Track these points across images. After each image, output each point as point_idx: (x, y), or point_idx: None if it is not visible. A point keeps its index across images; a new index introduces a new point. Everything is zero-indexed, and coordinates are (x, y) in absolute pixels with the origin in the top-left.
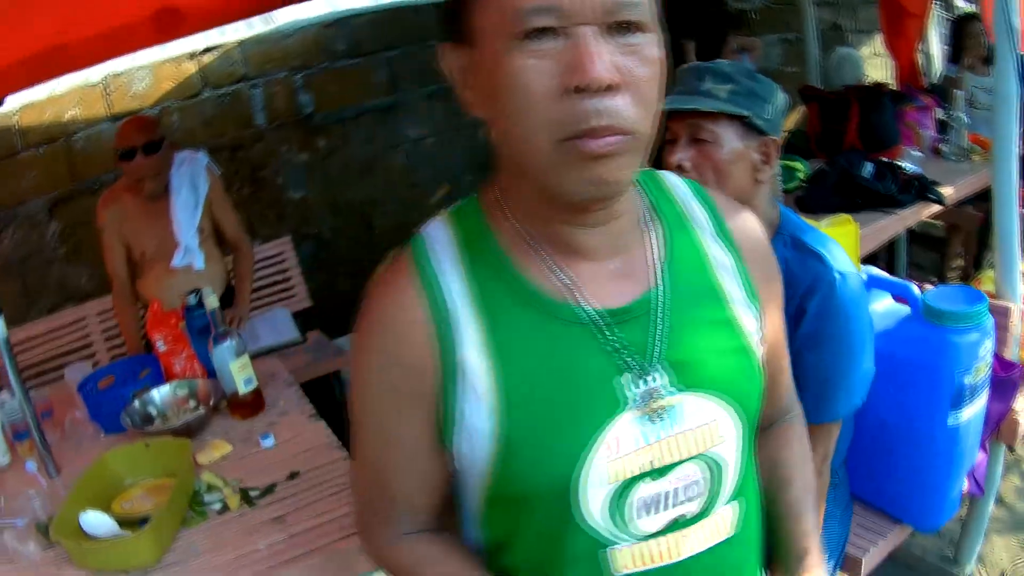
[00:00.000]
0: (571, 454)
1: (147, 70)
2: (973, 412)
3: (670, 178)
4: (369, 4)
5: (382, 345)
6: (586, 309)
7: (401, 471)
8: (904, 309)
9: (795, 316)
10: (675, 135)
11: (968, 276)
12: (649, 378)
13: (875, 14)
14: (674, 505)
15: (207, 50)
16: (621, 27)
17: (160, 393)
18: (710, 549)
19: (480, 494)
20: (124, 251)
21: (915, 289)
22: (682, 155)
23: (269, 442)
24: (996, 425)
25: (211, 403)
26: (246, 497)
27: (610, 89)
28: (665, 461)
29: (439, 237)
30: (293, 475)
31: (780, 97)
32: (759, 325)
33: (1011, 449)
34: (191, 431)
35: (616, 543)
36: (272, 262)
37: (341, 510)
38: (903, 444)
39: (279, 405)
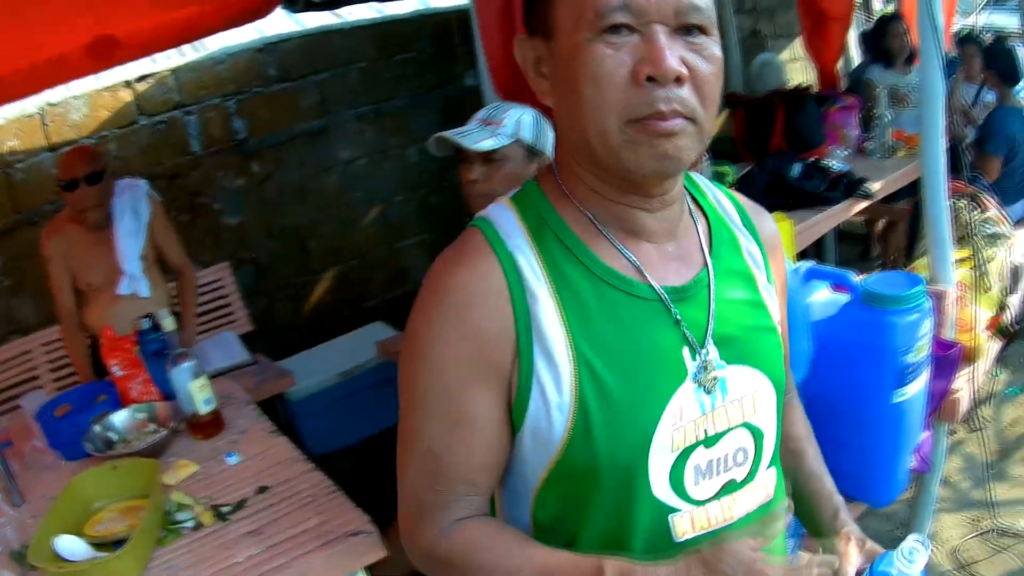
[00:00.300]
0: (647, 423)
1: (83, 99)
2: (916, 389)
3: (701, 178)
4: (296, 29)
5: (460, 315)
6: (653, 286)
7: (466, 449)
8: (844, 297)
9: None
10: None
11: (895, 266)
12: (704, 351)
13: (793, 19)
14: (724, 471)
15: (141, 78)
16: (688, 29)
17: (119, 418)
18: (756, 510)
19: (543, 471)
20: (70, 281)
21: (853, 277)
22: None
23: (234, 459)
24: (938, 403)
25: (171, 425)
26: (218, 513)
27: (677, 80)
28: (717, 429)
29: (506, 218)
30: (262, 489)
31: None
32: (776, 308)
33: (951, 431)
34: (155, 453)
35: (677, 510)
36: (212, 287)
37: (316, 519)
38: (852, 423)
39: (238, 424)
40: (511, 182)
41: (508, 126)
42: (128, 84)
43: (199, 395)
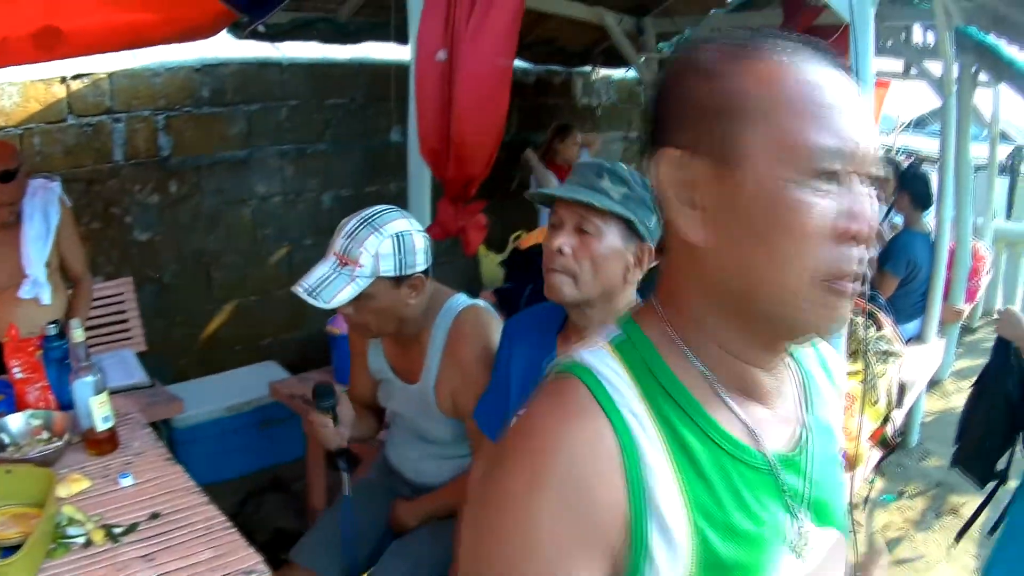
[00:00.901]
0: None
1: (17, 88)
2: None
3: None
4: (236, 55)
5: (567, 482)
6: (767, 455)
7: None
8: None
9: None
10: (561, 221)
11: None
12: (800, 519)
13: None
14: None
15: (77, 76)
16: (872, 180)
17: (14, 421)
18: None
19: None
20: None
21: None
22: (564, 240)
23: (128, 481)
24: None
25: (67, 436)
26: (110, 533)
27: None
28: None
29: (612, 369)
30: (155, 515)
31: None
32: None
33: None
34: (48, 462)
35: None
36: (112, 301)
37: (209, 552)
38: None
39: (133, 445)
40: (382, 313)
41: (367, 266)
42: (63, 80)
43: (98, 411)
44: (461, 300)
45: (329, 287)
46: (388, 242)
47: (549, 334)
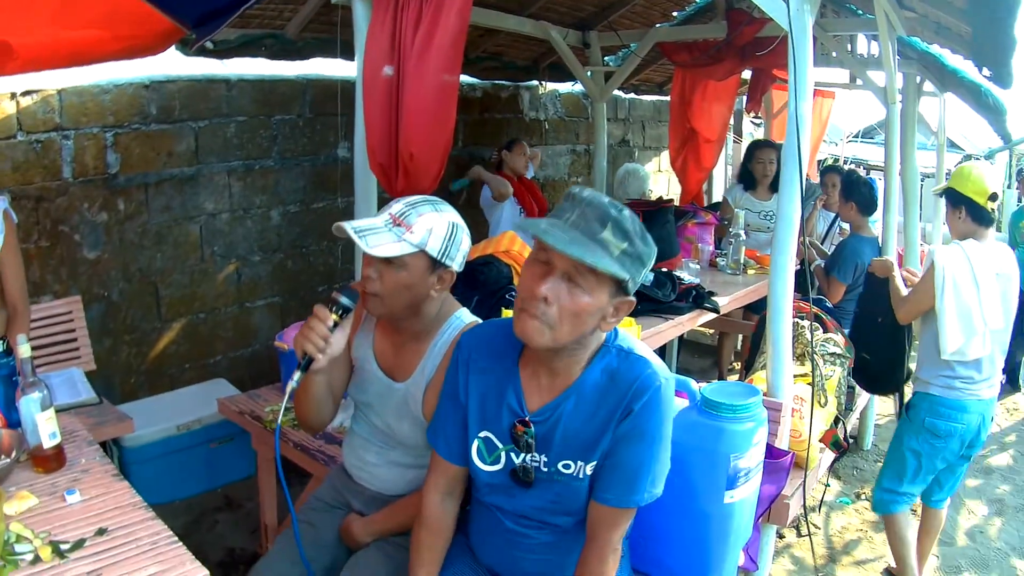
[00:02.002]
0: None
1: None
2: (747, 492)
3: None
4: (184, 72)
5: None
6: None
7: None
8: (683, 402)
9: (621, 414)
10: (551, 265)
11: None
12: None
13: (662, 132)
14: None
15: (27, 93)
16: None
17: None
18: None
19: None
20: None
21: (692, 384)
22: (550, 287)
23: (75, 497)
24: (768, 507)
25: (14, 455)
26: (57, 550)
27: None
28: None
29: None
30: (102, 531)
31: (653, 261)
32: None
33: (780, 535)
34: None
35: None
36: (59, 320)
37: (155, 567)
38: (684, 519)
39: (80, 462)
40: (404, 289)
41: (418, 234)
42: (13, 96)
43: (45, 427)
44: (467, 315)
45: (375, 236)
46: (444, 224)
47: (508, 359)
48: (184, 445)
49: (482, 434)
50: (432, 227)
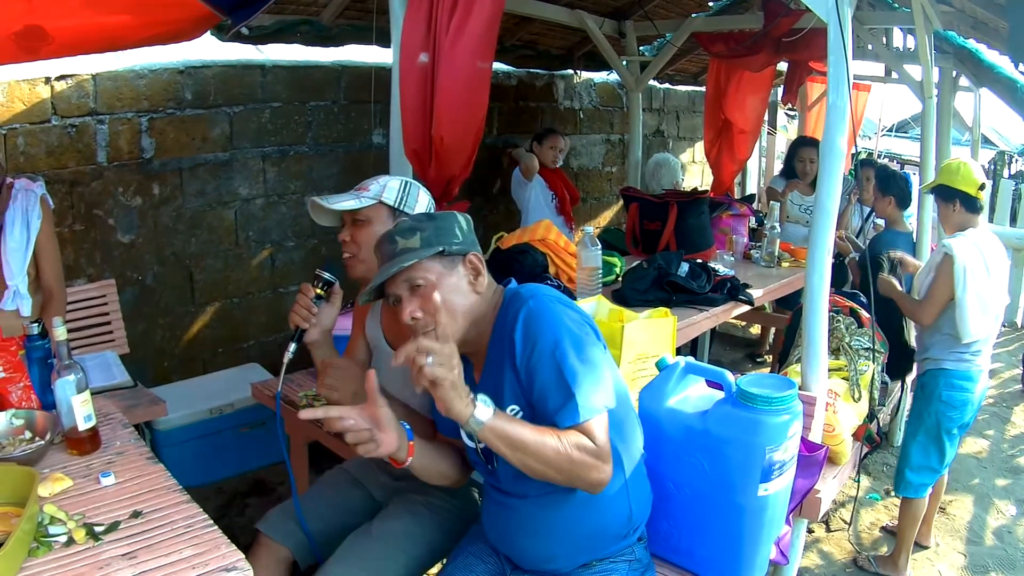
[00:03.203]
0: None
1: (1, 88)
2: (781, 485)
3: None
4: (219, 57)
5: None
6: None
7: None
8: (718, 394)
9: (511, 350)
10: (397, 296)
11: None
12: None
13: (697, 123)
14: None
15: (61, 77)
16: None
17: None
18: None
19: None
20: None
21: (728, 375)
22: (411, 307)
23: (109, 480)
24: (800, 501)
25: (49, 436)
26: (91, 532)
27: None
28: None
29: None
30: (136, 514)
31: (462, 220)
32: None
33: (810, 531)
34: (29, 462)
35: None
36: (93, 303)
37: (190, 550)
38: (718, 511)
39: (115, 444)
40: (373, 241)
41: (373, 190)
42: (47, 81)
43: (80, 410)
44: None
45: (337, 199)
46: (396, 181)
47: None
48: (216, 429)
49: None
50: (385, 184)
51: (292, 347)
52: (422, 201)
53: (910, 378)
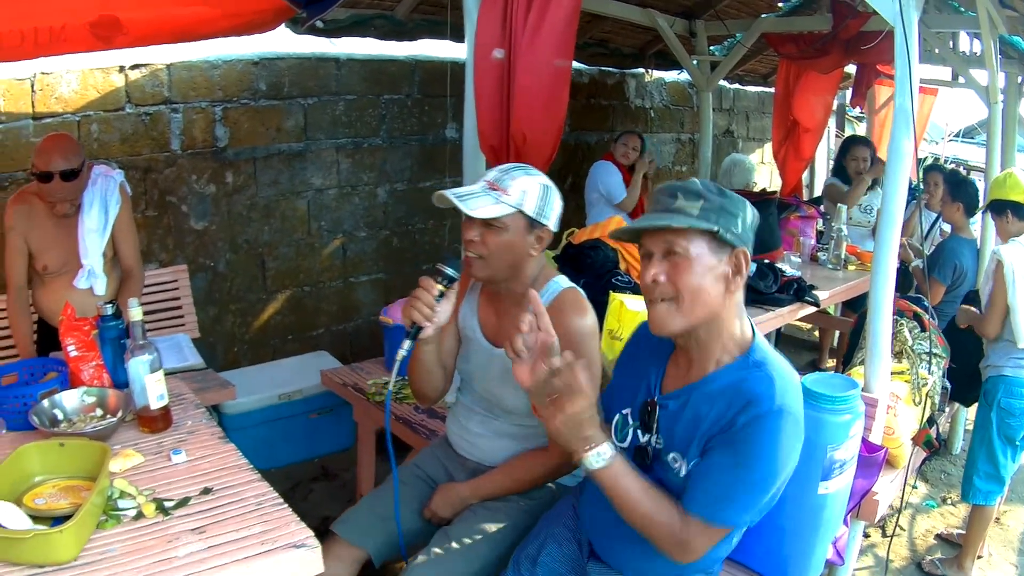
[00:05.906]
0: None
1: (76, 75)
2: (840, 484)
3: None
4: (293, 50)
5: None
6: None
7: None
8: None
9: (725, 424)
10: (649, 252)
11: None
12: None
13: (767, 124)
14: None
15: (136, 66)
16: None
17: (69, 398)
18: None
19: None
20: (27, 256)
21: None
22: (657, 270)
23: (181, 457)
24: (859, 501)
25: (120, 414)
26: (160, 507)
27: None
28: None
29: None
30: (207, 491)
31: (749, 211)
32: None
33: (866, 535)
34: (102, 438)
35: None
36: (166, 288)
37: (260, 527)
38: (777, 508)
39: (186, 423)
40: (506, 249)
41: (513, 196)
42: (122, 69)
43: (154, 388)
44: (565, 281)
45: (475, 200)
46: (537, 186)
47: (660, 355)
48: (284, 414)
49: (624, 411)
50: (526, 189)
51: (407, 344)
52: (556, 208)
53: None
